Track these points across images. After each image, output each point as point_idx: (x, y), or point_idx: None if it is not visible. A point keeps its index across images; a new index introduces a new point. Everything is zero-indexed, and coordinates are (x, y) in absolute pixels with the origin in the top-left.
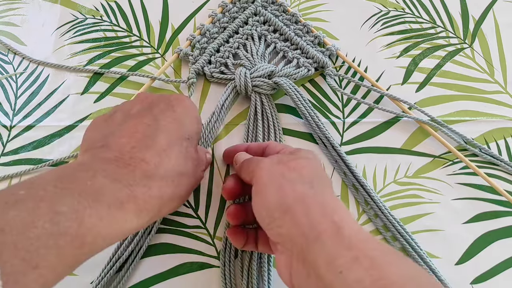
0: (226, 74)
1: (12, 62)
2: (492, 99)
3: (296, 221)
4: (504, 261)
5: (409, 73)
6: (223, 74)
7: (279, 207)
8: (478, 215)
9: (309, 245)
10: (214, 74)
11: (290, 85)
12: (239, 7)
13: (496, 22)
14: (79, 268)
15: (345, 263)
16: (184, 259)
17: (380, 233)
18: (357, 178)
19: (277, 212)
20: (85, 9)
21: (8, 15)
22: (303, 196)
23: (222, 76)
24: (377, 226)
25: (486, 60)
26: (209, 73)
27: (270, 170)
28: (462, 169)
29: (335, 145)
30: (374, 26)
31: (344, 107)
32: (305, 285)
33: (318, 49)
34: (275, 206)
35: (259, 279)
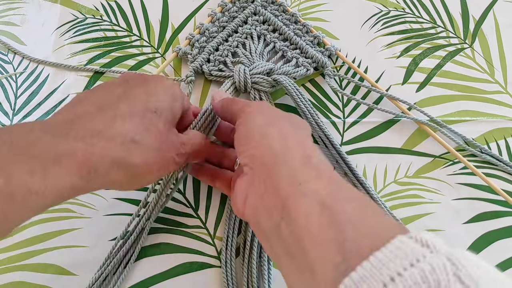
0: (224, 71)
1: (12, 62)
2: (492, 99)
3: (272, 144)
4: (504, 261)
5: (410, 73)
6: (221, 72)
7: (260, 132)
8: (478, 215)
9: (277, 164)
10: (213, 72)
11: (290, 83)
12: (238, 6)
13: (497, 22)
14: (79, 268)
15: (307, 178)
16: (184, 259)
17: None
18: (358, 177)
19: (257, 135)
20: (85, 9)
21: (8, 14)
22: (285, 130)
23: (220, 74)
24: None
25: (486, 60)
26: (207, 71)
27: (261, 107)
28: (463, 169)
29: (336, 144)
30: (375, 26)
31: (344, 107)
32: (259, 202)
33: (317, 49)
34: (257, 130)
35: (259, 278)
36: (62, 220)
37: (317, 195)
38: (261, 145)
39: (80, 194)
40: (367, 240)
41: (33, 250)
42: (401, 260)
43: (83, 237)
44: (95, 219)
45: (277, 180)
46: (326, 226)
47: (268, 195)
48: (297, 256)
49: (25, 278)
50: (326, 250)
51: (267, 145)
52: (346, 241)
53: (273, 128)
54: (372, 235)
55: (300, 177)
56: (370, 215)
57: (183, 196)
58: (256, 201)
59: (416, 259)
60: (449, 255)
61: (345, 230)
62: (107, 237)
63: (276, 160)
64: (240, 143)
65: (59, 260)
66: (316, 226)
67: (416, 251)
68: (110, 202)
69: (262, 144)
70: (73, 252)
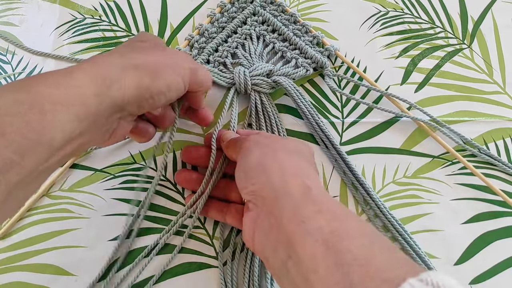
0: (224, 73)
1: (11, 62)
2: (491, 100)
3: (270, 178)
4: (503, 261)
5: (408, 74)
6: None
7: (257, 166)
8: (477, 215)
9: (278, 199)
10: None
11: (289, 84)
12: (237, 7)
13: (495, 23)
14: (79, 268)
15: (309, 214)
16: (183, 259)
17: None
18: (357, 177)
19: (255, 171)
20: (84, 9)
21: (7, 15)
22: (282, 160)
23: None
24: (377, 226)
25: (485, 60)
26: None
27: (257, 140)
28: (461, 169)
29: (335, 143)
30: (373, 26)
31: (343, 107)
32: (265, 239)
33: (316, 49)
34: (254, 166)
35: (261, 278)
36: (61, 220)
37: (320, 233)
38: (260, 181)
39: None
40: (375, 284)
41: (32, 251)
42: None
43: (82, 238)
44: (94, 219)
45: (280, 216)
46: (333, 268)
47: (273, 233)
48: None
49: (24, 278)
50: None
51: (266, 181)
52: (353, 285)
53: (270, 160)
54: (380, 278)
55: (302, 213)
56: (377, 251)
57: (182, 196)
58: (263, 238)
59: None
60: None
61: (351, 272)
62: (106, 237)
63: (277, 195)
64: (240, 180)
65: (58, 260)
66: (322, 268)
67: None
68: (108, 202)
69: (261, 180)
70: (72, 253)
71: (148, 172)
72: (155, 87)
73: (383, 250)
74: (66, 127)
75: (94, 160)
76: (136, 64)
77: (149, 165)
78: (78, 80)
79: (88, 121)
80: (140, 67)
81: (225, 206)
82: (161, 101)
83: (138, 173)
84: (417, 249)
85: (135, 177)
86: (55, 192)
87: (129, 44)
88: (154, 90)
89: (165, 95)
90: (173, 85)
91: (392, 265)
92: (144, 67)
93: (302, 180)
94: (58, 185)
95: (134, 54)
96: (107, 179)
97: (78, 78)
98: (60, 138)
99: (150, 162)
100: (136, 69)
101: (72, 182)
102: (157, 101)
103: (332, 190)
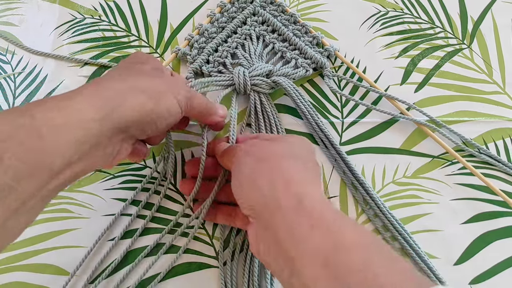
0: (224, 73)
1: (11, 62)
2: (490, 100)
3: (262, 192)
4: (502, 261)
5: (408, 74)
6: (221, 73)
7: (249, 178)
8: (476, 215)
9: (272, 214)
10: (212, 74)
11: (289, 84)
12: (237, 7)
13: (495, 23)
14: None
15: (303, 231)
16: (183, 259)
17: (379, 233)
18: (356, 176)
19: (248, 183)
20: (84, 9)
21: (7, 14)
22: (272, 170)
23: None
24: (377, 226)
25: (484, 60)
26: (207, 72)
27: (247, 150)
28: (461, 169)
29: (335, 143)
30: (373, 27)
31: (343, 107)
32: (268, 253)
33: (316, 49)
34: (246, 178)
35: (261, 278)
36: (60, 220)
37: (318, 253)
38: (253, 197)
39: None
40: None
41: (31, 251)
42: None
43: (81, 238)
44: (94, 220)
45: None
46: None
47: (274, 249)
48: None
49: (24, 278)
50: None
51: (258, 196)
52: None
53: (261, 171)
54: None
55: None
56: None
57: (182, 196)
58: (266, 251)
59: None
60: None
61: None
62: (106, 237)
63: (270, 211)
64: (236, 193)
65: (58, 260)
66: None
67: None
68: (108, 202)
69: (254, 196)
70: (72, 253)
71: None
72: (157, 111)
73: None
74: (66, 151)
75: None
76: (139, 88)
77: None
78: (79, 103)
79: (89, 144)
80: (145, 91)
81: (233, 210)
82: (162, 125)
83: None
84: (416, 248)
85: (135, 177)
86: None
87: (128, 66)
88: (156, 115)
89: (166, 119)
90: (173, 110)
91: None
92: (148, 91)
93: (295, 190)
94: None
95: (136, 77)
96: (107, 179)
97: (79, 102)
98: (59, 163)
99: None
100: (141, 93)
101: None
102: (159, 126)
103: (332, 190)
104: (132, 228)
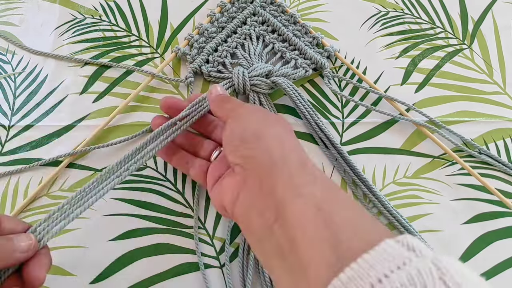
0: (223, 73)
1: (11, 62)
2: (491, 100)
3: (269, 148)
4: (503, 261)
5: (409, 74)
6: (220, 73)
7: (255, 133)
8: (477, 215)
9: (274, 166)
10: (211, 73)
11: (288, 84)
12: (237, 7)
13: (495, 23)
14: (78, 268)
15: (304, 182)
16: (183, 259)
17: None
18: (358, 174)
19: (252, 136)
20: (84, 9)
21: (7, 14)
22: (280, 134)
23: (219, 75)
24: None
25: (485, 61)
26: (206, 72)
27: (254, 109)
28: (461, 169)
29: (335, 142)
30: (374, 27)
31: (343, 107)
32: (250, 203)
33: (316, 50)
34: (251, 131)
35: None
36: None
37: (313, 197)
38: (258, 147)
39: None
40: (360, 243)
41: None
42: (388, 262)
43: (81, 238)
44: (94, 219)
45: (275, 182)
46: (322, 227)
47: (262, 196)
48: (289, 256)
49: None
50: (321, 251)
51: (264, 148)
52: (340, 242)
53: (269, 130)
54: (364, 238)
55: (297, 181)
56: (362, 219)
57: (181, 196)
58: (248, 202)
59: (403, 262)
60: (434, 260)
61: (339, 231)
62: (106, 237)
63: (274, 164)
64: (232, 142)
65: (58, 260)
66: (311, 226)
67: (403, 254)
68: (108, 202)
69: (259, 146)
70: (72, 253)
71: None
72: None
73: (368, 219)
74: None
75: (94, 160)
76: None
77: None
78: None
79: None
80: None
81: (191, 159)
82: None
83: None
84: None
85: (135, 177)
86: (54, 192)
87: None
88: None
89: None
90: None
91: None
92: None
93: (299, 154)
94: (58, 185)
95: None
96: None
97: None
98: None
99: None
100: None
101: (72, 182)
102: None
103: None
104: (132, 228)
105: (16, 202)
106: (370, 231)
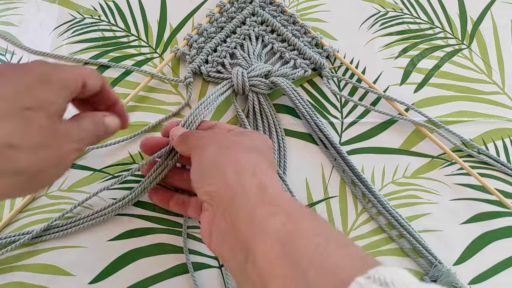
0: (222, 73)
1: (10, 62)
2: (490, 100)
3: (227, 176)
4: (502, 261)
5: (408, 74)
6: (219, 74)
7: (213, 166)
8: (476, 215)
9: (234, 198)
10: (210, 74)
11: (287, 85)
12: (236, 7)
13: (494, 23)
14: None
15: (265, 215)
16: (183, 259)
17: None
18: (358, 174)
19: (211, 169)
20: (83, 9)
21: (6, 14)
22: (238, 158)
23: (218, 76)
24: (380, 225)
25: (484, 61)
26: (205, 72)
27: (211, 137)
28: (460, 169)
29: (334, 142)
30: (373, 27)
31: (342, 107)
32: (222, 240)
33: (315, 50)
34: (210, 165)
35: None
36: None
37: (275, 232)
38: (216, 181)
39: None
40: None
41: (31, 251)
42: None
43: (81, 238)
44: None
45: (236, 216)
46: (289, 271)
47: (230, 235)
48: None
49: (23, 278)
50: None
51: (222, 180)
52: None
53: (226, 158)
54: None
55: (257, 214)
56: (332, 249)
57: None
58: (220, 239)
59: None
60: None
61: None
62: (106, 237)
63: (233, 195)
64: (195, 179)
65: (57, 260)
66: (279, 271)
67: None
68: (108, 202)
69: (217, 180)
70: (72, 253)
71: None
72: (39, 186)
73: (338, 247)
74: None
75: (93, 160)
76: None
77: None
78: None
79: None
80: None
81: (187, 199)
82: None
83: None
84: (426, 245)
85: (135, 177)
86: (54, 192)
87: None
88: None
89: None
90: None
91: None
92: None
93: (259, 179)
94: (57, 185)
95: None
96: (106, 179)
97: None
98: None
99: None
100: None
101: (71, 182)
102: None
103: (332, 190)
104: (132, 228)
105: (15, 202)
106: (339, 267)
